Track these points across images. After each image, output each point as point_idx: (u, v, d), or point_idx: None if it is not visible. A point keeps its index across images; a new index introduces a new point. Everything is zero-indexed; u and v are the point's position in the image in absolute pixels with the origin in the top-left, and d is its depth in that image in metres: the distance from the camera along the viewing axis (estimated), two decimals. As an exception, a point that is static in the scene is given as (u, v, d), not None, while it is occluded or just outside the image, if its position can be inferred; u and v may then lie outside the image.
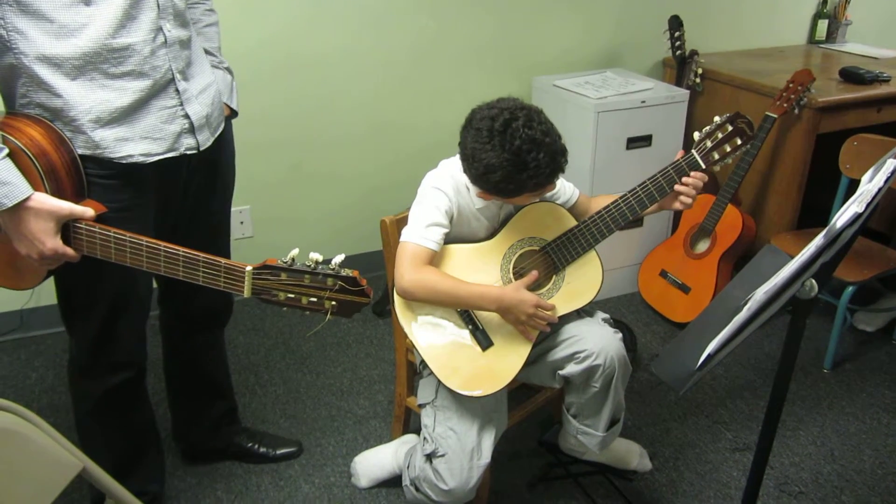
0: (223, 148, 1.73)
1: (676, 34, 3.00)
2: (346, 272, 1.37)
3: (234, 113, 1.78)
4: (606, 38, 3.23)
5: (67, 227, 1.39)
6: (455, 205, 1.73)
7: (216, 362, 2.06)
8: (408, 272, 1.65)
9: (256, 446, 2.14)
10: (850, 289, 2.50)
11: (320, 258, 1.37)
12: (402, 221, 1.81)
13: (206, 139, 1.59)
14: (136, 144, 1.46)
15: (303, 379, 2.53)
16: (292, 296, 1.39)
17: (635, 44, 3.28)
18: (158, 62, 1.45)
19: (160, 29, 1.45)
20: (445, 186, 1.72)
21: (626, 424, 2.11)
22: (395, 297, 1.72)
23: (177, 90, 1.50)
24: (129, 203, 1.51)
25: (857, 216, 1.10)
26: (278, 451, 2.15)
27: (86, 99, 1.38)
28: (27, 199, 1.33)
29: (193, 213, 1.71)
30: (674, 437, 2.29)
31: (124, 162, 1.45)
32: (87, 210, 1.39)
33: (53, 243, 1.36)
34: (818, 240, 1.13)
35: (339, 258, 1.37)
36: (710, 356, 1.16)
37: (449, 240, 1.73)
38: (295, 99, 2.81)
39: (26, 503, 1.18)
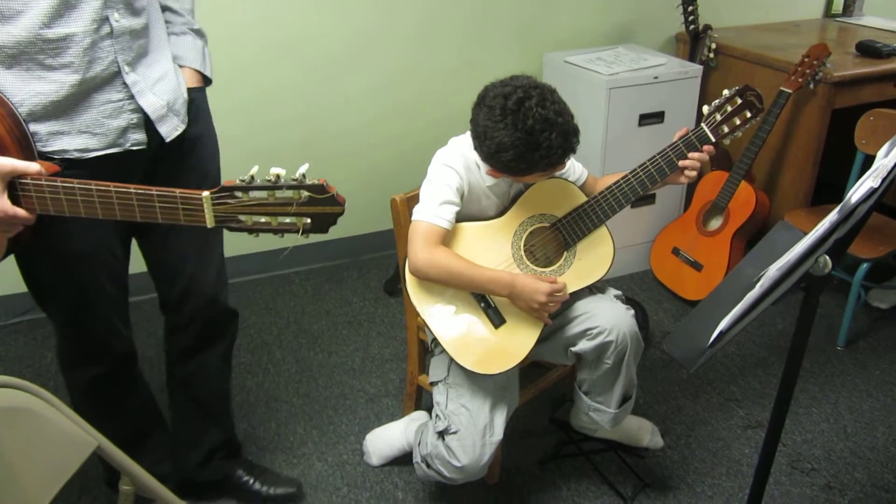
0: (196, 124, 1.63)
1: (690, 8, 2.96)
2: (310, 181, 1.26)
3: (207, 81, 1.67)
4: (618, 13, 3.19)
5: (14, 188, 1.26)
6: (466, 182, 1.72)
7: (211, 387, 1.90)
8: (421, 251, 1.65)
9: (252, 481, 1.96)
10: (865, 265, 2.48)
11: (283, 172, 1.25)
12: (412, 200, 1.80)
13: (173, 127, 1.52)
14: (72, 139, 1.39)
15: (315, 358, 2.55)
16: (260, 219, 1.28)
17: (648, 19, 3.24)
18: (102, 54, 1.38)
19: (106, 19, 1.37)
20: (456, 164, 1.72)
21: (638, 402, 2.11)
22: (407, 275, 1.72)
23: (124, 83, 1.42)
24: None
25: (873, 191, 1.09)
26: (275, 491, 1.96)
27: (19, 90, 1.32)
28: None
29: None
30: (686, 414, 2.29)
31: (57, 157, 1.39)
32: (31, 165, 1.26)
33: (1, 203, 1.24)
34: (832, 215, 1.12)
35: (303, 168, 1.26)
36: (721, 333, 1.15)
37: (459, 218, 1.73)
38: (303, 77, 2.80)
39: (42, 481, 1.19)
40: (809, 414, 2.29)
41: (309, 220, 1.28)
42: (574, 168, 1.88)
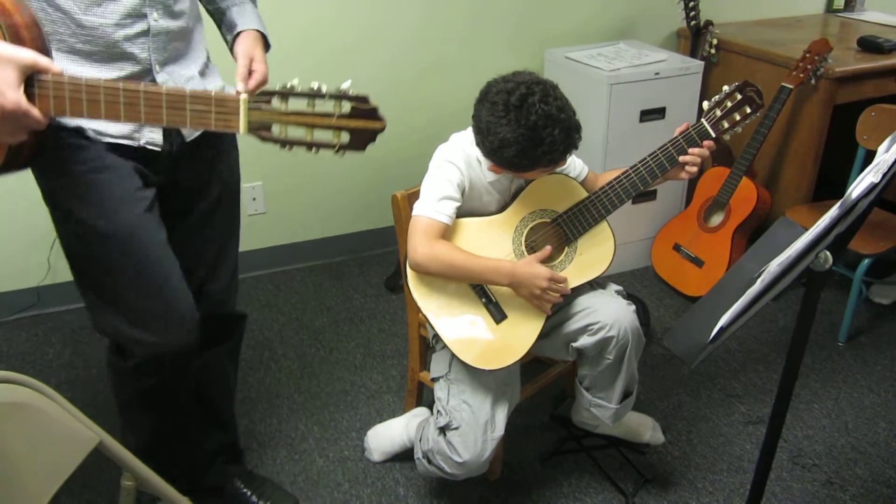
0: (219, 145, 1.62)
1: (691, 4, 2.95)
2: (355, 92, 1.20)
3: (267, 46, 1.66)
4: (619, 9, 3.19)
5: (31, 85, 1.18)
6: (467, 178, 1.72)
7: (213, 386, 1.85)
8: (420, 246, 1.65)
9: (250, 493, 1.90)
10: (866, 261, 2.48)
11: (324, 86, 1.20)
12: (413, 196, 1.80)
13: (190, 130, 1.51)
14: (88, 121, 1.37)
15: (316, 354, 2.55)
16: (297, 130, 1.21)
17: (649, 15, 3.23)
18: (134, 49, 1.38)
19: (144, 16, 1.37)
20: (457, 160, 1.72)
21: (639, 398, 2.11)
22: (408, 271, 1.72)
23: (154, 81, 1.42)
24: (100, 164, 1.41)
25: (873, 186, 1.09)
26: None
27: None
28: None
29: (186, 213, 1.61)
30: (687, 410, 2.29)
31: (75, 131, 1.37)
32: (53, 64, 1.19)
33: (15, 95, 1.15)
34: (833, 211, 1.12)
35: (346, 83, 1.20)
36: (722, 329, 1.15)
37: (461, 213, 1.73)
38: (303, 74, 2.78)
39: (44, 477, 1.19)
40: (811, 409, 2.30)
41: (348, 136, 1.22)
42: (575, 164, 1.88)
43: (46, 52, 1.22)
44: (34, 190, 1.48)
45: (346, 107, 1.20)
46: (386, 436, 2.08)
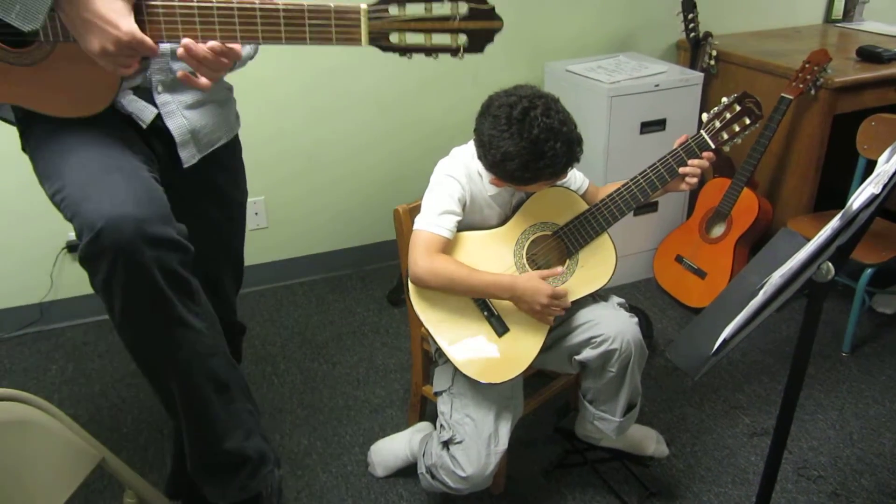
0: (222, 172, 1.63)
1: (690, 16, 2.96)
2: None
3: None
4: (619, 21, 3.20)
5: (140, 13, 1.16)
6: (468, 192, 1.73)
7: None
8: (421, 260, 1.65)
9: None
10: (869, 271, 2.47)
11: None
12: (415, 210, 1.80)
13: (190, 156, 1.51)
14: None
15: (319, 368, 2.55)
16: (416, 36, 1.19)
17: (648, 27, 3.25)
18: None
19: None
20: (458, 174, 1.72)
21: (643, 410, 2.11)
22: (410, 285, 1.72)
23: (153, 101, 1.42)
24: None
25: (874, 197, 1.09)
26: None
27: None
28: None
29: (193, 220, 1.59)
30: (690, 422, 2.28)
31: None
32: None
33: (128, 25, 1.13)
34: (834, 222, 1.12)
35: None
36: (725, 341, 1.15)
37: (461, 227, 1.73)
38: (306, 87, 2.81)
39: (47, 493, 1.19)
40: (815, 421, 2.29)
41: (466, 38, 1.21)
42: (575, 177, 1.88)
43: None
44: (36, 207, 1.49)
45: (464, 8, 1.18)
46: (389, 451, 2.07)
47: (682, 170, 1.73)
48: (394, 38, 1.19)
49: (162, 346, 1.37)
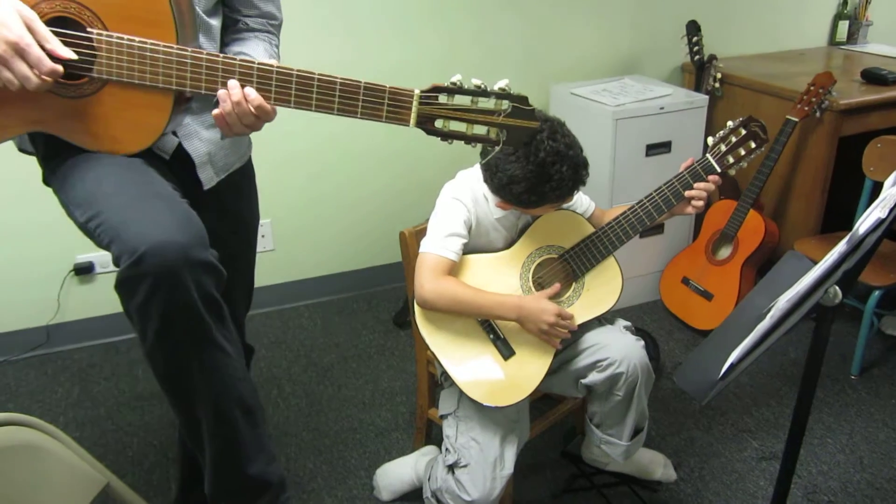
0: (238, 194, 1.65)
1: (694, 39, 2.98)
2: (516, 93, 1.25)
3: None
4: (624, 44, 3.22)
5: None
6: (474, 215, 1.73)
7: None
8: (427, 282, 1.65)
9: None
10: (877, 293, 2.46)
11: (483, 83, 1.25)
12: (421, 233, 1.81)
13: (209, 178, 1.54)
14: None
15: (325, 391, 2.54)
16: (459, 124, 1.27)
17: (653, 50, 3.27)
18: None
19: None
20: (464, 197, 1.73)
21: (650, 434, 2.09)
22: (416, 308, 1.72)
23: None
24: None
25: (880, 222, 1.09)
26: None
27: None
28: None
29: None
30: (698, 446, 2.26)
31: None
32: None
33: (19, 28, 1.15)
34: (841, 246, 1.11)
35: (503, 82, 1.25)
36: (732, 365, 1.14)
37: (467, 250, 1.73)
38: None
39: (51, 519, 1.19)
40: (824, 445, 2.27)
41: (505, 132, 1.27)
42: (581, 201, 1.89)
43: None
44: (44, 230, 1.50)
45: (507, 105, 1.24)
46: (395, 474, 2.06)
47: (688, 193, 1.74)
48: (438, 123, 1.26)
49: (197, 370, 1.37)
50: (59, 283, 2.70)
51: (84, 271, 2.71)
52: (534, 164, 1.56)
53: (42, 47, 1.19)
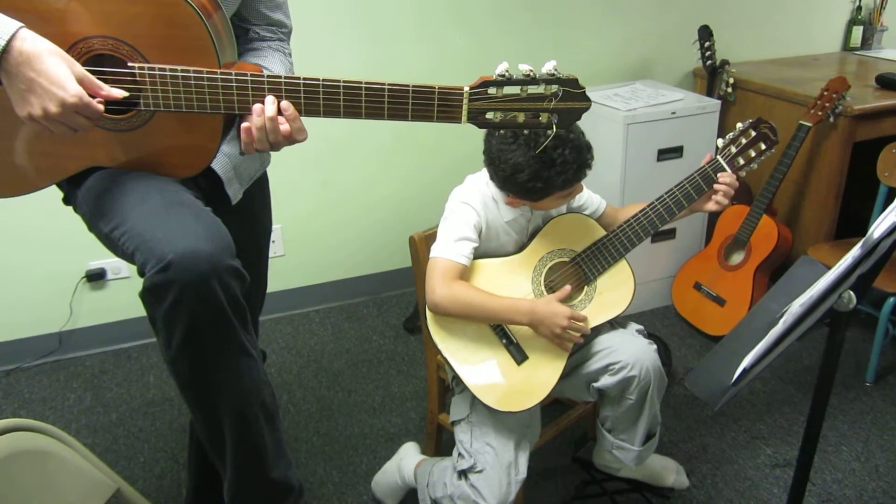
0: (253, 200, 1.66)
1: (706, 44, 2.97)
2: (565, 75, 1.24)
3: None
4: (635, 49, 3.21)
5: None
6: (483, 219, 1.72)
7: None
8: (439, 287, 1.65)
9: None
10: (892, 299, 2.44)
11: (531, 68, 1.24)
12: (430, 238, 1.81)
13: (235, 192, 1.55)
14: None
15: (335, 397, 2.54)
16: (509, 114, 1.26)
17: (665, 55, 3.26)
18: None
19: None
20: (473, 201, 1.72)
21: (662, 440, 2.08)
22: (427, 313, 1.71)
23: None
24: None
25: (895, 226, 1.07)
26: None
27: None
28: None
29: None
30: (711, 453, 2.24)
31: None
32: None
33: (76, 87, 1.15)
34: (855, 251, 1.10)
35: (549, 64, 1.24)
36: (745, 371, 1.13)
37: (478, 255, 1.73)
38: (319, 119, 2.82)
39: (62, 524, 1.19)
40: (839, 452, 2.24)
41: (556, 116, 1.27)
42: (591, 200, 1.88)
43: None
44: (56, 237, 1.50)
45: (557, 89, 1.24)
46: (386, 484, 2.05)
47: (715, 186, 1.73)
48: (489, 115, 1.26)
49: (224, 374, 1.37)
50: (71, 289, 2.71)
51: (96, 278, 2.72)
52: (535, 149, 1.57)
53: (96, 94, 1.20)
